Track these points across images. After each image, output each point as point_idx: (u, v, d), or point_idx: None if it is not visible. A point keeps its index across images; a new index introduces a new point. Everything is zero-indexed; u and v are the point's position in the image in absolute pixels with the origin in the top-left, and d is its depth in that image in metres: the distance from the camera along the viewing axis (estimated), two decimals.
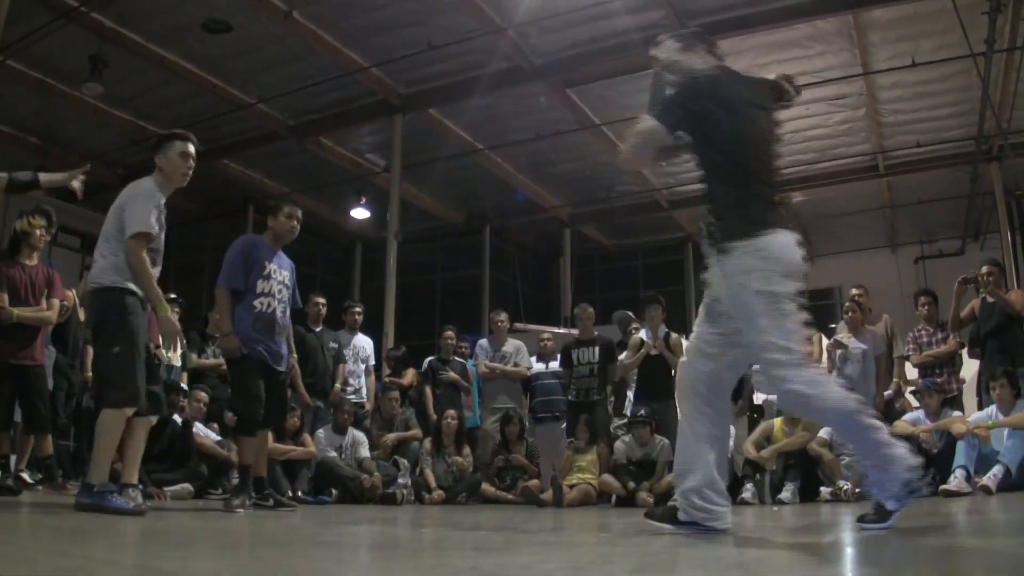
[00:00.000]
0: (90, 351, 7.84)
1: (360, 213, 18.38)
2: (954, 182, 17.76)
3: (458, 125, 16.16)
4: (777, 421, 9.56)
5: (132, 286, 5.50)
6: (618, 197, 19.83)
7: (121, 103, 14.75)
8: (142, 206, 5.56)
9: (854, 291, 10.97)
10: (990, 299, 9.18)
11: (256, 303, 6.65)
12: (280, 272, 6.87)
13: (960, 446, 8.16)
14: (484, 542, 4.08)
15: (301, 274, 7.21)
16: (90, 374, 8.78)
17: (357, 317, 11.27)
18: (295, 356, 7.46)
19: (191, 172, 5.87)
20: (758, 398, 11.27)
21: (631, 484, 9.16)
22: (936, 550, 3.37)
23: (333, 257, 22.12)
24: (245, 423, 6.80)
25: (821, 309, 22.23)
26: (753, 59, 13.81)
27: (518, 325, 14.97)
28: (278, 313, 6.77)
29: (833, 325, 21.18)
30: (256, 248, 6.84)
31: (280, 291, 6.81)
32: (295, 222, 6.97)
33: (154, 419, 5.89)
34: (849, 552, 3.53)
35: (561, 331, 16.12)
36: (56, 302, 7.82)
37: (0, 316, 7.41)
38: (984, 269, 9.35)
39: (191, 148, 5.86)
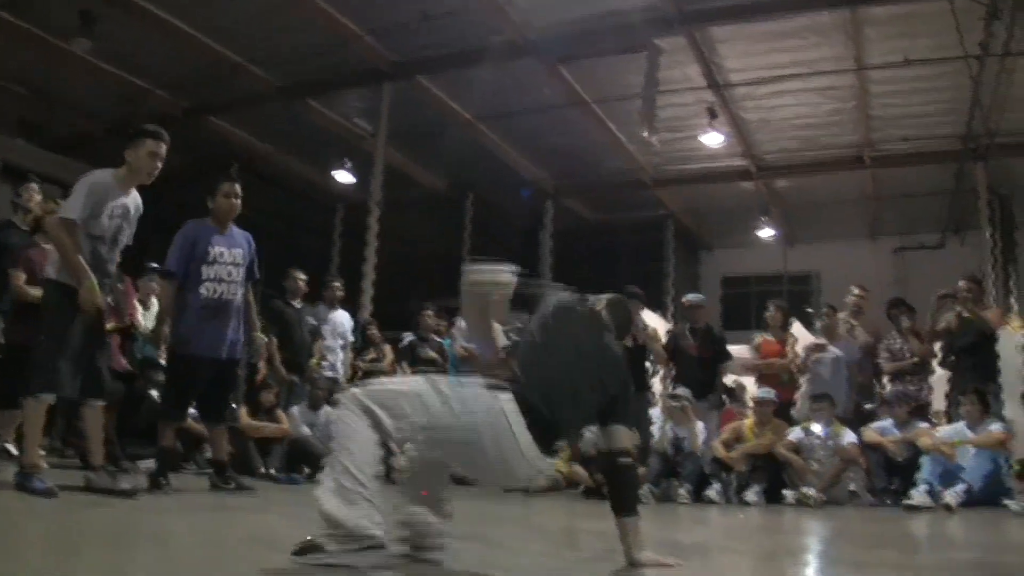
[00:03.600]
0: None
1: (344, 177, 18.27)
2: (938, 178, 17.82)
3: (447, 95, 16.07)
4: (748, 421, 9.64)
5: (64, 280, 5.61)
6: (603, 173, 19.80)
7: (111, 58, 14.57)
8: (75, 194, 5.69)
9: (855, 290, 11.02)
10: (967, 315, 9.24)
11: (202, 289, 6.57)
12: (230, 253, 6.74)
13: (925, 460, 8.26)
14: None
15: (281, 234, 7.09)
16: None
17: (337, 292, 11.24)
18: (261, 336, 7.40)
19: (157, 171, 5.91)
20: (729, 379, 11.38)
21: (599, 476, 9.24)
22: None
23: (314, 218, 21.93)
24: (164, 411, 6.94)
25: (799, 294, 22.37)
26: (748, 46, 13.88)
27: None
28: (227, 296, 6.68)
29: (809, 309, 21.53)
30: (201, 234, 6.70)
31: (230, 273, 6.70)
32: (234, 199, 6.82)
33: (99, 403, 5.89)
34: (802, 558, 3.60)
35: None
36: None
37: (19, 294, 7.42)
38: (963, 284, 9.43)
39: (162, 149, 5.88)
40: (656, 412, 10.32)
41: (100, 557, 3.37)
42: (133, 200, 5.97)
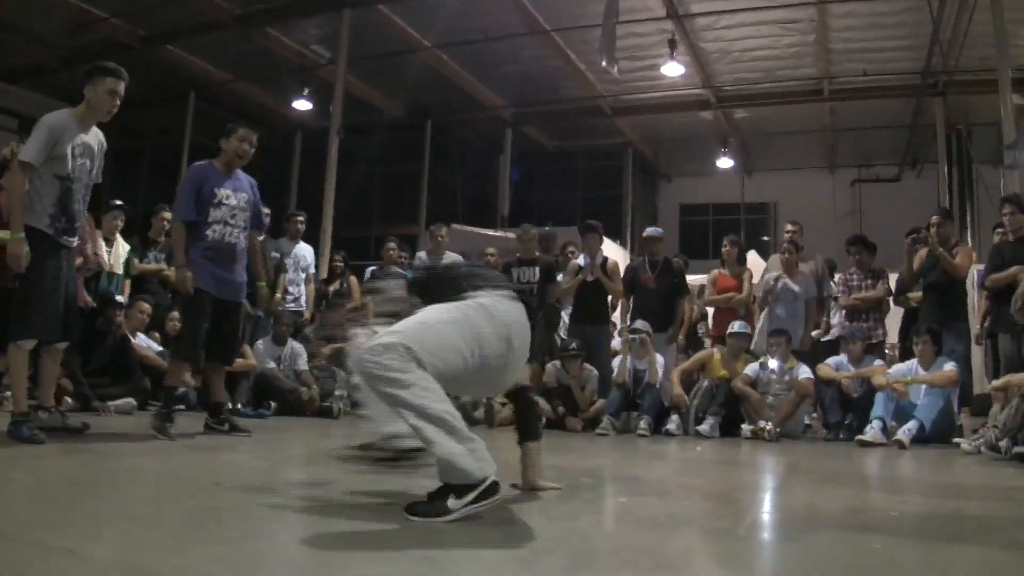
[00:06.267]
0: None
1: (302, 104, 18.13)
2: (897, 112, 18.03)
3: (406, 22, 15.98)
4: (717, 353, 9.72)
5: (38, 225, 5.57)
6: (562, 100, 19.78)
7: None
8: (33, 136, 5.59)
9: (789, 227, 11.06)
10: (936, 252, 9.21)
11: (209, 232, 6.54)
12: (236, 196, 6.71)
13: (879, 397, 8.38)
14: None
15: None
16: None
17: (299, 226, 11.23)
18: (263, 284, 7.44)
19: (116, 109, 5.84)
20: None
21: (560, 409, 9.38)
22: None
23: (273, 145, 21.68)
24: (181, 352, 6.85)
25: (756, 223, 22.55)
26: None
27: (455, 227, 14.99)
28: (230, 239, 6.65)
29: (766, 238, 21.72)
30: (208, 177, 6.65)
31: (235, 216, 6.68)
32: (247, 146, 6.77)
33: (62, 345, 5.89)
34: (756, 496, 3.71)
35: (497, 233, 16.25)
36: None
37: None
38: (934, 219, 9.32)
39: (120, 87, 5.81)
40: (616, 343, 10.45)
41: (56, 502, 3.43)
42: (95, 137, 5.89)
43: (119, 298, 9.43)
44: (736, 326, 9.73)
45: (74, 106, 5.83)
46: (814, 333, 10.26)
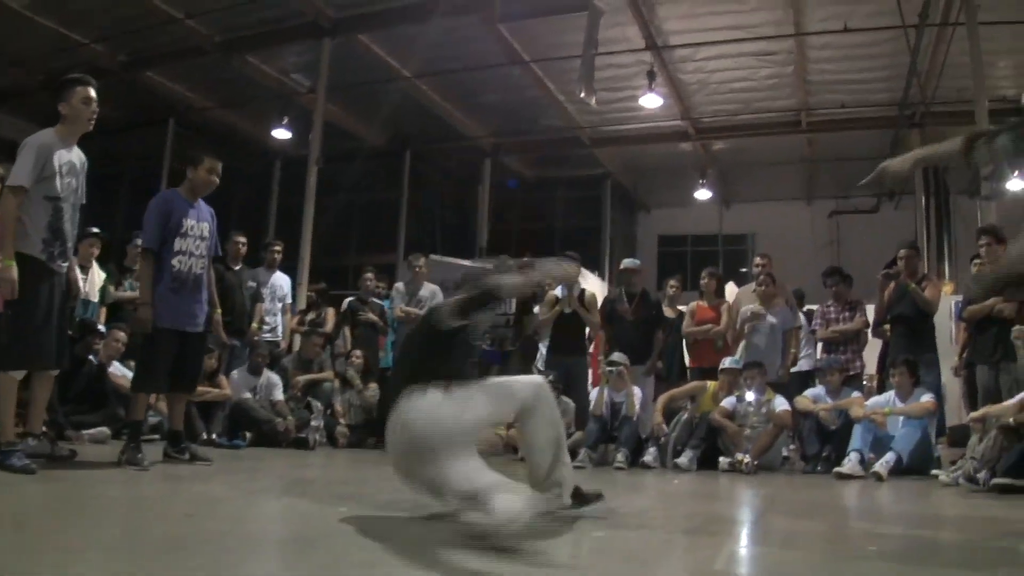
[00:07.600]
0: None
1: (281, 133, 18.09)
2: (875, 143, 18.08)
3: (386, 51, 15.99)
4: (711, 384, 9.62)
5: (29, 251, 5.51)
6: (541, 131, 19.84)
7: (47, 11, 14.36)
8: (20, 159, 5.56)
9: (758, 260, 11.04)
10: (906, 284, 9.26)
11: (175, 262, 6.52)
12: (199, 226, 6.72)
13: (857, 429, 8.37)
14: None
15: (216, 190, 6.97)
16: None
17: (276, 255, 11.17)
18: (218, 311, 7.36)
19: (95, 115, 5.86)
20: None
21: None
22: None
23: (252, 173, 21.67)
24: (139, 385, 6.76)
25: (734, 254, 22.60)
26: (687, 9, 13.98)
27: (433, 257, 14.96)
28: (196, 270, 6.66)
29: (744, 269, 21.75)
30: (174, 206, 6.64)
31: (198, 247, 6.69)
32: (215, 177, 6.81)
33: (54, 372, 5.89)
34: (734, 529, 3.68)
35: (475, 264, 16.21)
36: None
37: None
38: (902, 253, 9.45)
39: (92, 92, 5.85)
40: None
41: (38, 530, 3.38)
42: (77, 156, 5.89)
43: (99, 325, 9.41)
44: (727, 361, 9.66)
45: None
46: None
